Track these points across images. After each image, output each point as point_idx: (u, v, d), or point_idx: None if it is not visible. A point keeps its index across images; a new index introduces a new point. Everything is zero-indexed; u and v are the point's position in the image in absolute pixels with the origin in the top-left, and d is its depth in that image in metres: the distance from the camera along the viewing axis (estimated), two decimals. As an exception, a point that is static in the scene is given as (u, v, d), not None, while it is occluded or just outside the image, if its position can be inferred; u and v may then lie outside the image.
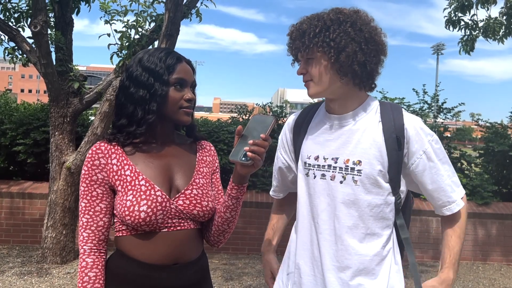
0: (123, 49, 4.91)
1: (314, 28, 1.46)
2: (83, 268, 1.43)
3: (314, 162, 1.57)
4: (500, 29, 6.05)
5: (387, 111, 1.54)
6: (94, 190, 1.44)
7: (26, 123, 5.98)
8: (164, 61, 1.47)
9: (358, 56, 1.44)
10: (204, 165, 1.60)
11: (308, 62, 1.52)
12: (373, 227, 1.50)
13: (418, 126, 1.53)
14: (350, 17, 1.48)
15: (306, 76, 1.54)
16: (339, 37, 1.44)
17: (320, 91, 1.53)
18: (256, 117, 1.47)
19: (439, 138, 6.26)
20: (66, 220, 5.11)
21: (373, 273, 1.50)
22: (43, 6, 4.66)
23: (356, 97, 1.55)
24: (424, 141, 1.52)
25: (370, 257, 1.49)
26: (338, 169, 1.51)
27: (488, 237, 6.07)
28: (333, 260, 1.51)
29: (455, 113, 7.27)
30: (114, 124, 1.51)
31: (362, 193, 1.48)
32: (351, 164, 1.49)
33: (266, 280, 1.84)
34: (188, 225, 1.48)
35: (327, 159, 1.54)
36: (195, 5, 5.20)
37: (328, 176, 1.53)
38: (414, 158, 1.52)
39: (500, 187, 6.69)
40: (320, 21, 1.47)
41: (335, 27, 1.45)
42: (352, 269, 1.49)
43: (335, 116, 1.57)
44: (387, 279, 1.50)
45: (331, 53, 1.45)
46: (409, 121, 1.53)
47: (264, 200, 5.88)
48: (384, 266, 1.51)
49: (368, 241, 1.50)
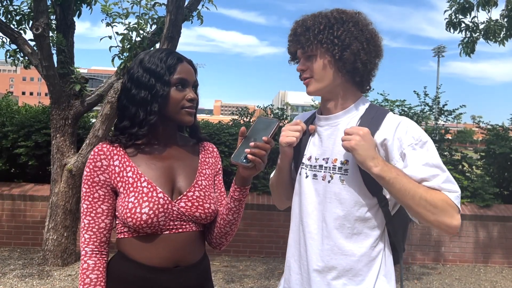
0: (124, 51, 4.92)
1: (319, 25, 1.47)
2: (85, 270, 1.43)
3: (307, 162, 1.57)
4: (501, 31, 6.05)
5: (370, 113, 1.51)
6: (96, 192, 1.44)
7: (28, 125, 5.99)
8: (165, 62, 1.46)
9: (361, 54, 1.46)
10: (207, 167, 1.60)
11: (308, 59, 1.52)
12: (359, 227, 1.47)
13: (392, 131, 1.45)
14: (352, 17, 1.49)
15: (306, 73, 1.53)
16: (343, 35, 1.45)
17: (320, 88, 1.53)
18: (260, 119, 1.47)
19: (440, 141, 6.20)
20: (68, 222, 5.11)
21: (360, 274, 1.47)
22: (44, 8, 4.67)
23: (352, 96, 1.55)
24: (400, 145, 1.43)
25: (357, 257, 1.47)
26: (328, 169, 1.51)
27: (489, 240, 6.05)
28: (318, 260, 1.50)
29: (456, 116, 7.27)
30: (117, 126, 1.51)
31: (349, 193, 1.47)
32: (339, 164, 1.49)
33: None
34: (190, 228, 1.47)
35: (318, 159, 1.54)
36: (197, 8, 5.21)
37: (319, 176, 1.53)
38: (393, 162, 1.44)
39: (501, 189, 6.68)
40: (324, 18, 1.48)
41: (339, 26, 1.47)
42: (338, 270, 1.47)
43: (328, 116, 1.56)
44: (373, 282, 1.47)
45: (335, 50, 1.45)
46: (385, 126, 1.47)
47: (265, 202, 5.87)
48: (373, 269, 1.48)
49: (355, 241, 1.47)
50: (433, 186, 1.39)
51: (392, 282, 1.52)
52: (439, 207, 1.37)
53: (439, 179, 1.40)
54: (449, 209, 1.38)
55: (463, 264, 6.05)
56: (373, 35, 1.51)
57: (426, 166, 1.40)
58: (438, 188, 1.39)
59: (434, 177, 1.39)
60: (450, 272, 5.73)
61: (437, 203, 1.37)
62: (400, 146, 1.43)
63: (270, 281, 4.99)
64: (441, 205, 1.37)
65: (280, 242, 5.88)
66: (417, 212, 1.39)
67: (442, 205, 1.37)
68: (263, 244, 5.94)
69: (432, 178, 1.39)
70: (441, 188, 1.39)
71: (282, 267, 5.50)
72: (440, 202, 1.37)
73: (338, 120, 1.54)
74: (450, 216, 1.37)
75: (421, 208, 1.37)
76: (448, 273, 5.67)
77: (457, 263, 6.04)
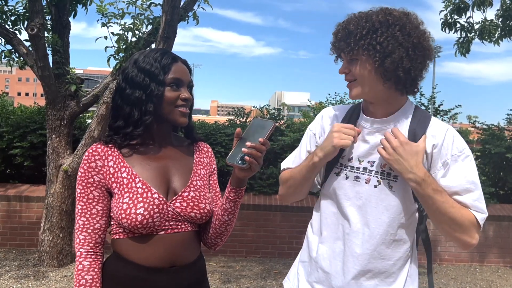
0: (120, 51, 4.90)
1: (361, 29, 1.41)
2: (80, 271, 1.42)
3: (347, 162, 1.54)
4: (496, 31, 6.07)
5: (416, 117, 1.50)
6: (91, 193, 1.44)
7: (23, 126, 5.97)
8: (159, 61, 1.46)
9: (404, 62, 1.40)
10: (202, 167, 1.60)
11: (351, 62, 1.48)
12: (401, 233, 1.50)
13: (441, 138, 1.46)
14: (399, 20, 1.42)
15: (349, 76, 1.50)
16: (386, 41, 1.39)
17: (362, 93, 1.49)
18: (256, 120, 1.47)
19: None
20: (63, 223, 5.10)
21: (392, 276, 1.50)
22: (40, 9, 4.66)
23: (396, 101, 1.51)
24: (445, 153, 1.45)
25: (393, 261, 1.50)
26: (374, 173, 1.49)
27: (485, 239, 6.07)
28: (355, 264, 1.50)
29: (452, 115, 7.31)
30: (111, 126, 1.50)
31: (396, 200, 1.47)
32: (388, 169, 1.47)
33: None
34: (186, 228, 1.47)
35: (362, 162, 1.51)
36: (192, 8, 5.20)
37: (362, 179, 1.50)
38: (434, 169, 1.46)
39: (497, 189, 6.70)
40: (368, 22, 1.42)
41: (383, 30, 1.40)
42: (373, 272, 1.49)
43: (375, 120, 1.53)
44: (403, 283, 1.51)
45: (376, 57, 1.40)
46: (433, 131, 1.47)
47: (262, 203, 5.87)
48: (404, 270, 1.52)
49: (394, 246, 1.50)
50: (465, 202, 1.43)
51: (416, 281, 1.57)
52: (464, 226, 1.42)
53: (472, 196, 1.43)
54: (472, 229, 1.43)
55: (459, 263, 6.07)
56: (421, 38, 1.43)
57: (464, 180, 1.43)
58: (469, 205, 1.43)
59: (468, 193, 1.43)
60: (446, 271, 5.75)
61: (464, 223, 1.41)
62: (445, 155, 1.45)
63: (267, 281, 4.99)
64: (467, 225, 1.42)
65: (276, 242, 5.88)
66: (441, 227, 1.46)
67: (467, 225, 1.42)
68: (259, 244, 5.93)
69: (466, 193, 1.43)
70: (472, 206, 1.43)
71: (279, 267, 5.51)
72: (467, 222, 1.42)
73: (386, 125, 1.51)
74: (471, 236, 1.43)
75: (447, 225, 1.43)
76: (444, 273, 5.69)
77: (453, 262, 6.06)
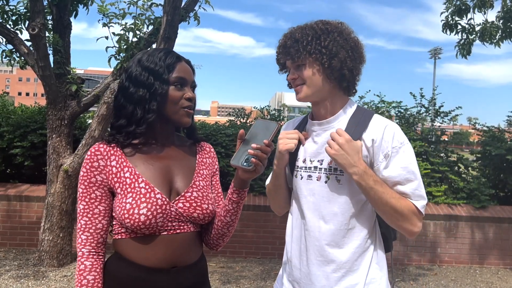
0: (121, 52, 4.91)
1: (307, 36, 1.58)
2: (81, 271, 1.42)
3: (302, 164, 1.69)
4: (497, 33, 6.08)
5: (357, 115, 1.63)
6: (93, 192, 1.44)
7: (24, 125, 5.97)
8: (163, 60, 1.47)
9: (347, 62, 1.58)
10: (204, 167, 1.60)
11: (298, 68, 1.63)
12: (354, 222, 1.60)
13: (381, 133, 1.56)
14: (336, 27, 1.61)
15: (298, 80, 1.64)
16: (330, 44, 1.57)
17: (310, 94, 1.62)
18: (259, 122, 1.47)
19: (437, 142, 6.24)
20: (63, 223, 5.10)
21: (355, 264, 1.60)
22: (41, 8, 4.66)
23: (341, 100, 1.66)
24: (386, 146, 1.55)
25: (353, 249, 1.60)
26: (323, 170, 1.63)
27: (485, 241, 6.07)
28: (317, 255, 1.61)
29: (452, 117, 7.30)
30: (113, 125, 1.50)
31: (345, 191, 1.59)
32: (334, 165, 1.60)
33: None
34: (188, 228, 1.47)
35: (313, 161, 1.66)
36: (193, 9, 5.20)
37: (314, 177, 1.64)
38: (377, 162, 1.57)
39: (497, 190, 6.70)
40: (311, 30, 1.60)
41: (325, 36, 1.58)
42: (336, 263, 1.60)
43: (320, 122, 1.67)
44: (366, 271, 1.60)
45: (324, 59, 1.56)
46: (373, 127, 1.58)
47: (262, 204, 5.87)
48: (366, 258, 1.61)
49: (350, 235, 1.60)
50: (405, 191, 1.55)
51: (384, 269, 1.66)
52: (405, 215, 1.54)
53: (412, 185, 1.55)
54: (413, 217, 1.55)
55: (459, 265, 6.06)
56: (356, 43, 1.62)
57: (404, 170, 1.55)
58: (409, 193, 1.55)
59: (408, 182, 1.55)
60: (446, 273, 5.75)
61: (404, 212, 1.53)
62: (386, 148, 1.56)
63: (266, 282, 4.99)
64: (407, 214, 1.54)
65: (276, 243, 5.88)
66: (386, 217, 1.57)
67: (408, 214, 1.54)
68: (259, 245, 5.93)
69: (406, 182, 1.55)
70: (412, 194, 1.55)
71: (279, 268, 5.47)
72: (407, 211, 1.54)
73: (330, 124, 1.65)
74: (412, 224, 1.55)
75: (389, 214, 1.55)
76: (444, 274, 5.69)
77: (453, 264, 6.06)
